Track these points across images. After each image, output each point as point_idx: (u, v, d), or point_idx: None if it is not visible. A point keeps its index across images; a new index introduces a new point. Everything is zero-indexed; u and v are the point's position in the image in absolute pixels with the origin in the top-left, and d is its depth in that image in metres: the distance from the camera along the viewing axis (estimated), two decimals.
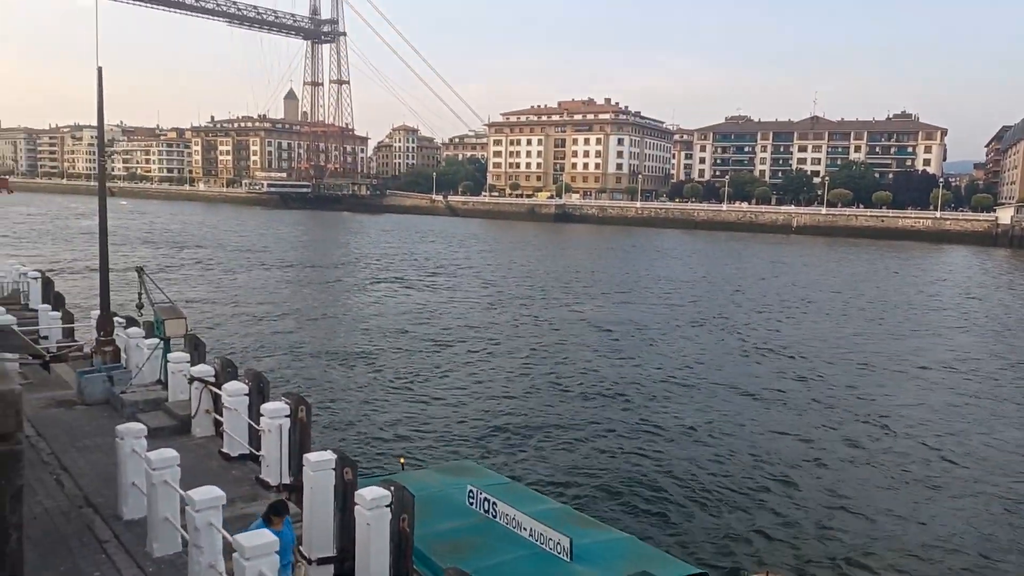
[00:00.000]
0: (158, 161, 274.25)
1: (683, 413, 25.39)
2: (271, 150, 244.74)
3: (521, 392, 27.59)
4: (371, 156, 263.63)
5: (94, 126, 18.46)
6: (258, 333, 36.45)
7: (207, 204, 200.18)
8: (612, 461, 20.63)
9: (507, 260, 78.15)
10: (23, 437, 2.35)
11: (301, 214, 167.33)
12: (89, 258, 59.27)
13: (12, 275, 28.26)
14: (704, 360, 33.84)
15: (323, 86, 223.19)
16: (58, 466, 12.77)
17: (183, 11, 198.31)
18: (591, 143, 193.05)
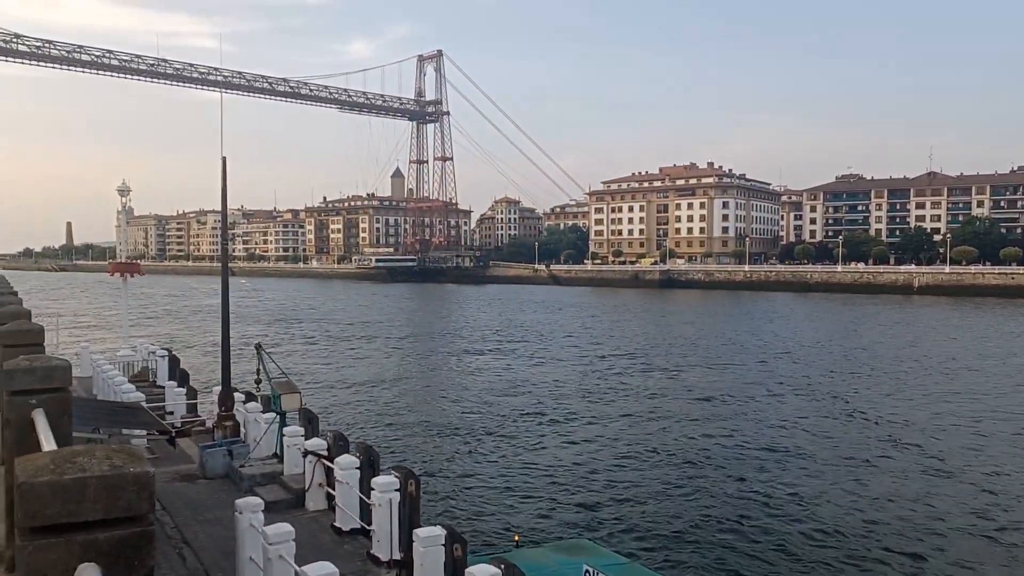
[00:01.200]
0: (275, 241, 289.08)
1: (802, 487, 24.07)
2: (379, 226, 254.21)
3: (634, 465, 26.85)
4: (474, 228, 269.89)
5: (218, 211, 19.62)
6: (367, 405, 37.14)
7: (319, 280, 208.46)
8: (734, 539, 19.61)
9: (610, 328, 77.49)
10: (155, 518, 2.37)
11: (407, 287, 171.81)
12: (211, 335, 62.32)
13: (142, 353, 29.91)
14: (822, 429, 32.21)
15: (427, 163, 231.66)
16: (181, 540, 13.14)
17: (300, 101, 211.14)
18: (695, 207, 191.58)
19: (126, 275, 30.08)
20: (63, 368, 5.06)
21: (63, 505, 2.31)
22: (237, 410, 19.47)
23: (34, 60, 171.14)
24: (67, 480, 2.32)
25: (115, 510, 2.36)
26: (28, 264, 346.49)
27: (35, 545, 2.30)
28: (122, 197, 28.55)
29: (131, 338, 32.43)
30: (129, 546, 2.38)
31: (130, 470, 2.40)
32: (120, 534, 2.37)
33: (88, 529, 2.34)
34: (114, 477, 2.36)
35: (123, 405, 16.30)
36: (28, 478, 2.31)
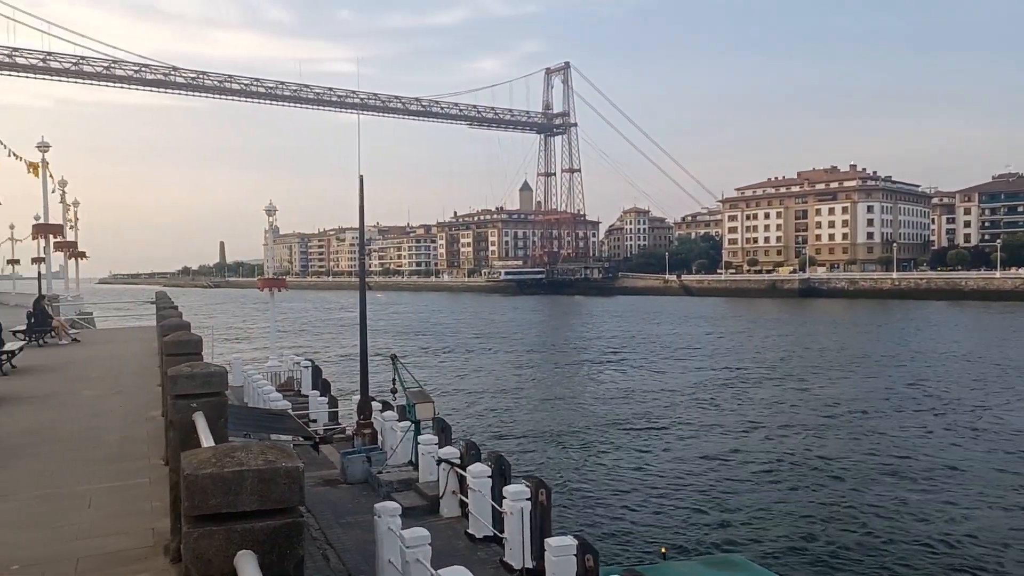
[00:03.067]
0: (408, 256, 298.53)
1: (968, 509, 22.47)
2: (507, 240, 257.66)
3: (780, 480, 25.85)
4: (603, 240, 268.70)
5: (355, 228, 20.55)
6: (497, 415, 37.61)
7: (450, 293, 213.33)
8: (893, 562, 18.45)
9: (745, 339, 75.14)
10: (304, 511, 2.56)
11: (535, 299, 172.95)
12: (348, 346, 64.95)
13: (288, 364, 31.59)
14: (988, 447, 29.98)
15: (555, 175, 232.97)
16: (324, 541, 13.76)
17: (432, 119, 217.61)
18: (836, 212, 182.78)
19: (273, 290, 31.86)
20: (220, 374, 5.47)
21: (223, 496, 2.52)
22: (375, 418, 20.24)
23: (189, 91, 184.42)
24: (227, 473, 2.53)
25: (269, 502, 2.55)
26: (186, 281, 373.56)
27: (199, 532, 2.52)
28: (269, 216, 30.33)
29: (278, 349, 34.29)
30: (281, 536, 2.56)
31: (282, 465, 2.59)
32: (273, 524, 2.56)
33: (245, 519, 2.54)
34: (268, 471, 2.56)
35: (271, 412, 17.28)
36: (193, 471, 2.53)
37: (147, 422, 11.85)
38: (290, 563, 2.56)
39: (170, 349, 7.67)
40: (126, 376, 18.16)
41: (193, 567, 2.54)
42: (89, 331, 34.75)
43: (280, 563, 2.56)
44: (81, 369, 19.90)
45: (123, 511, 7.20)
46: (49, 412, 13.44)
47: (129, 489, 8.01)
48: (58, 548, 6.22)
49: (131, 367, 19.95)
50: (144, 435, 10.94)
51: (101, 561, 5.81)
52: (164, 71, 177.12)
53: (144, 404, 13.48)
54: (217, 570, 2.52)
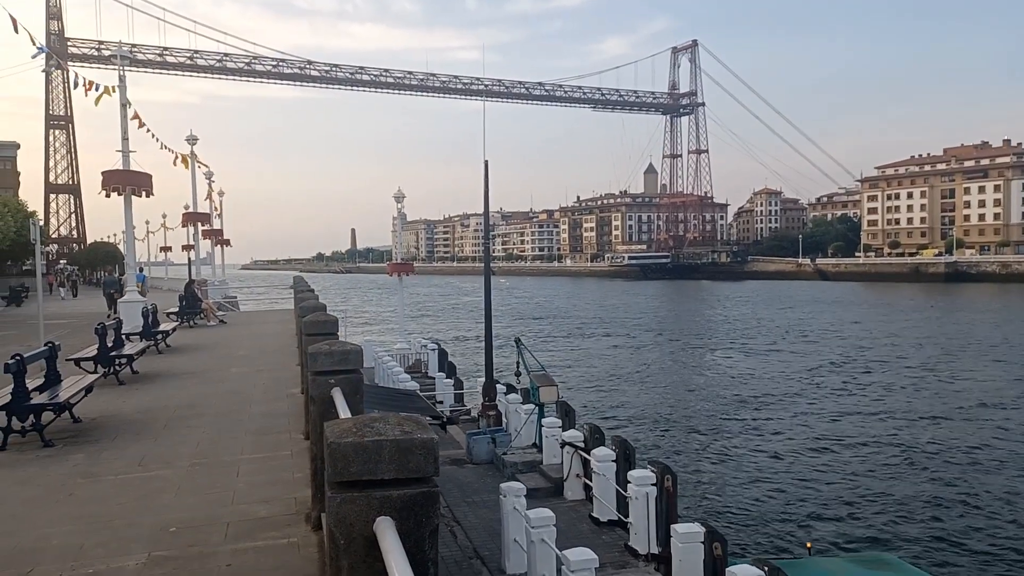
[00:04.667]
0: (531, 241, 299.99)
1: None
2: (631, 224, 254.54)
3: (928, 471, 24.56)
4: (731, 223, 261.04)
5: (479, 214, 20.86)
6: (620, 400, 37.39)
7: (573, 278, 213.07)
8: None
9: (886, 326, 71.33)
10: (439, 481, 2.66)
11: (660, 284, 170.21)
12: (473, 330, 66.14)
13: (416, 347, 32.52)
14: None
15: (681, 157, 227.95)
16: (452, 519, 14.14)
17: (555, 103, 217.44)
18: (987, 190, 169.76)
19: (401, 275, 32.84)
20: (356, 352, 5.72)
21: (364, 464, 2.65)
22: (499, 401, 20.57)
23: (323, 83, 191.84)
24: (367, 442, 2.65)
25: (406, 471, 2.66)
26: (320, 267, 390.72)
27: (342, 498, 2.65)
28: (397, 203, 31.24)
29: (406, 332, 35.33)
30: (417, 504, 2.66)
31: (418, 436, 2.69)
32: (410, 492, 2.66)
33: (384, 487, 2.66)
34: (405, 441, 2.66)
35: (401, 392, 17.85)
36: (336, 439, 2.67)
37: (288, 398, 12.53)
38: (426, 530, 2.66)
39: (308, 329, 8.07)
40: (268, 355, 19.23)
41: (336, 530, 2.67)
42: (234, 313, 36.99)
43: (417, 529, 2.66)
44: (228, 349, 21.22)
45: (268, 480, 7.67)
46: (201, 387, 14.42)
47: (273, 460, 8.52)
48: (210, 512, 6.70)
49: (272, 347, 21.11)
50: (285, 410, 11.57)
51: (248, 526, 6.22)
52: (300, 64, 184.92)
53: (285, 381, 14.25)
54: (358, 533, 2.65)
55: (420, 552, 2.64)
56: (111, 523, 6.53)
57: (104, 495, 7.45)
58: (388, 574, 2.37)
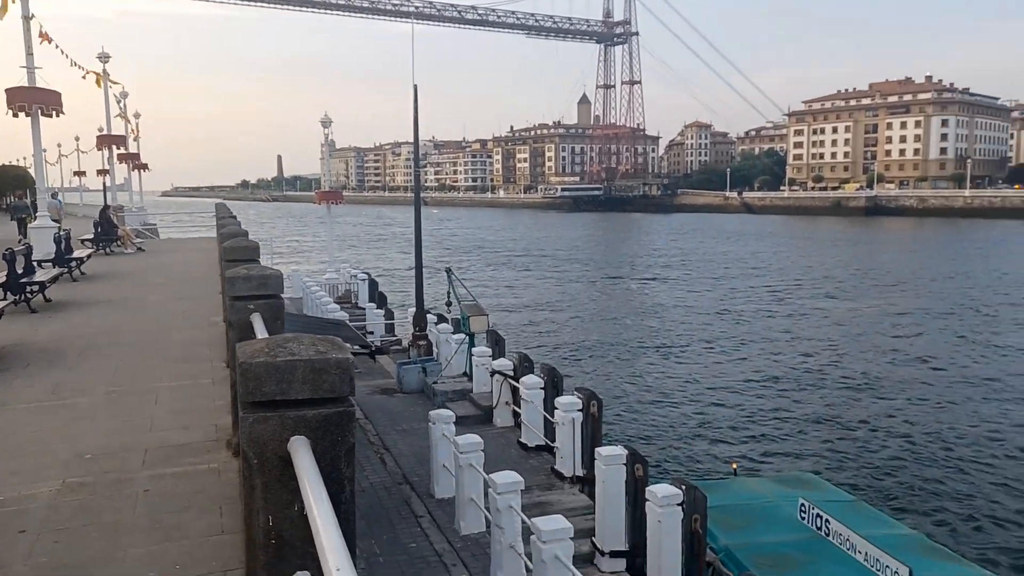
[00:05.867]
0: (464, 171, 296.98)
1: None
2: (565, 155, 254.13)
3: (844, 395, 25.78)
4: (662, 156, 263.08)
5: (411, 142, 20.44)
6: (551, 329, 37.92)
7: (506, 210, 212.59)
8: (984, 490, 18.16)
9: (806, 258, 73.66)
10: (355, 401, 2.62)
11: (592, 216, 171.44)
12: (404, 261, 65.71)
13: (345, 277, 32.11)
14: None
15: (615, 88, 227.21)
16: (381, 446, 14.23)
17: (488, 28, 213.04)
18: (908, 127, 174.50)
19: (330, 204, 32.17)
20: (276, 277, 5.57)
21: (276, 384, 2.58)
22: (430, 331, 20.57)
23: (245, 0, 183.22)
24: (279, 362, 2.59)
25: (320, 391, 2.61)
26: (245, 195, 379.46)
27: (254, 418, 2.59)
28: (324, 129, 30.38)
29: (335, 262, 34.85)
30: (333, 423, 2.62)
31: (333, 356, 2.64)
32: (325, 412, 2.62)
33: (298, 406, 2.61)
34: (319, 361, 2.60)
35: (329, 321, 17.68)
36: (247, 359, 2.59)
37: (209, 326, 12.26)
38: (341, 449, 2.63)
39: (228, 255, 7.83)
40: (189, 283, 18.73)
41: (249, 450, 2.62)
42: (153, 241, 35.80)
43: (332, 449, 2.63)
44: (146, 276, 20.57)
45: (188, 408, 7.53)
46: (118, 315, 13.99)
47: (193, 388, 8.36)
48: (128, 440, 6.56)
49: (194, 275, 20.55)
50: (207, 338, 11.33)
51: (168, 452, 6.12)
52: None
53: (206, 310, 13.92)
54: (272, 453, 2.60)
55: (336, 471, 2.61)
56: (23, 451, 6.34)
57: (16, 423, 7.21)
58: (302, 492, 2.34)
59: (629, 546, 10.16)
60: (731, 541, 10.13)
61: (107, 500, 5.17)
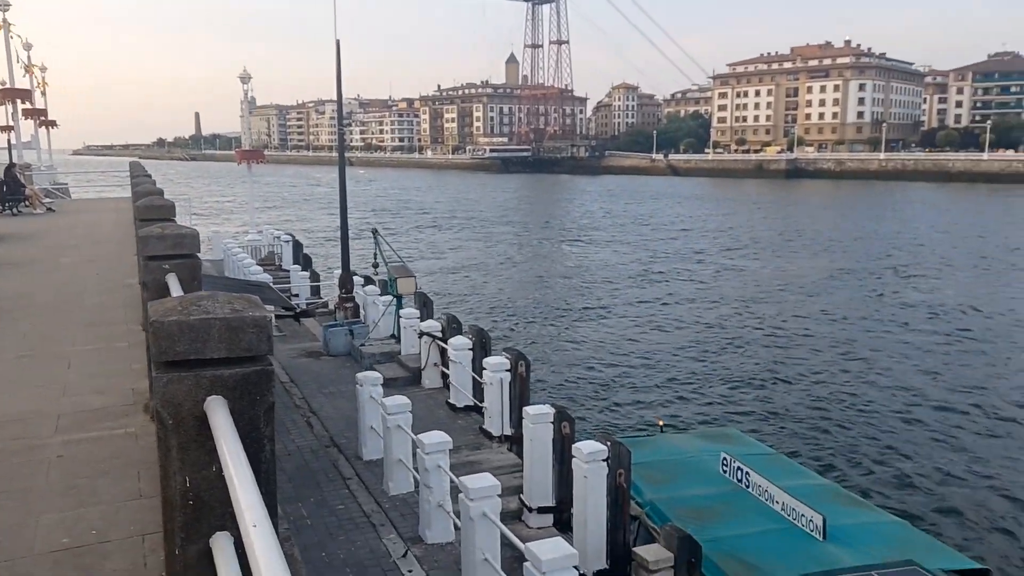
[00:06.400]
0: (390, 131, 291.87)
1: (953, 383, 23.29)
2: (493, 115, 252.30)
3: (764, 352, 26.63)
4: (590, 117, 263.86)
5: (335, 100, 19.95)
6: (479, 291, 38.00)
7: (434, 171, 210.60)
8: (896, 440, 19.12)
9: (729, 220, 75.40)
10: (273, 360, 2.56)
11: (521, 178, 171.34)
12: (329, 222, 64.61)
13: (268, 239, 31.38)
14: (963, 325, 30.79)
15: (543, 47, 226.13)
16: (308, 409, 14.10)
17: None
18: (828, 91, 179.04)
19: (251, 163, 31.26)
20: (192, 235, 5.39)
21: (191, 343, 2.51)
22: (356, 293, 20.33)
23: None
24: (193, 320, 2.51)
25: (237, 349, 2.54)
26: (161, 154, 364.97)
27: (168, 377, 2.52)
28: (243, 85, 29.37)
29: (257, 224, 34.01)
30: (250, 382, 2.57)
31: (249, 314, 2.57)
32: (242, 371, 2.56)
33: (214, 366, 2.54)
34: (235, 319, 2.54)
35: (251, 283, 17.29)
36: (160, 317, 2.51)
37: (124, 289, 11.83)
38: (260, 408, 2.58)
39: (142, 214, 7.54)
40: (102, 245, 18.02)
41: (164, 411, 2.55)
42: (64, 201, 34.22)
43: (251, 408, 2.57)
44: (57, 238, 19.69)
45: (103, 372, 7.28)
46: (27, 278, 13.37)
47: (108, 352, 8.08)
48: (40, 405, 6.31)
49: (107, 236, 19.77)
50: (122, 301, 10.94)
51: (82, 418, 5.91)
52: None
53: (121, 272, 13.42)
54: (188, 413, 2.54)
55: (255, 431, 2.56)
56: None
57: None
58: (219, 452, 2.30)
59: (556, 501, 10.36)
60: (656, 495, 10.43)
61: (18, 467, 4.98)
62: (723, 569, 8.63)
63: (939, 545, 9.87)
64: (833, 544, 9.09)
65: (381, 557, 8.72)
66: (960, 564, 9.07)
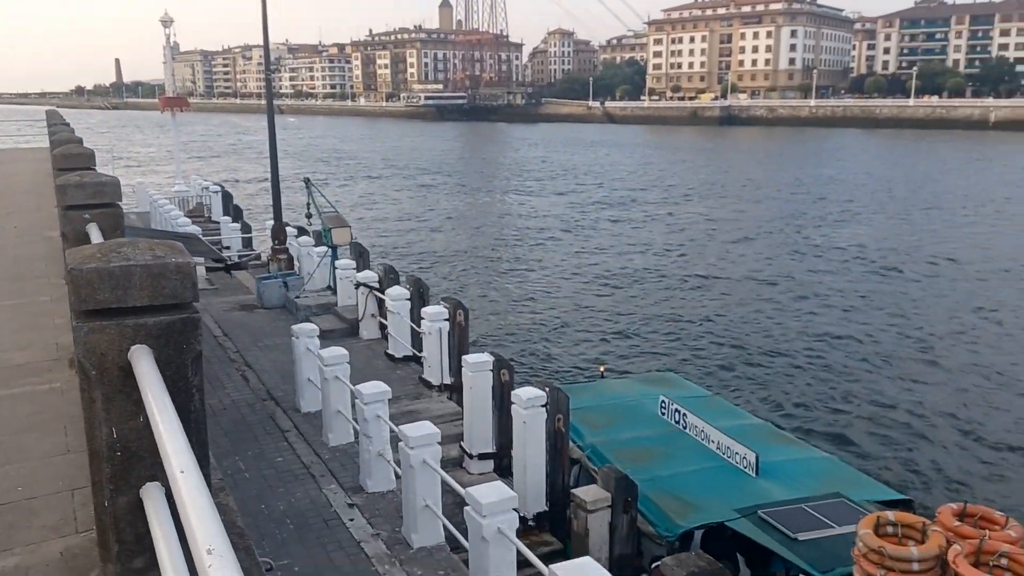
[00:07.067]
0: (321, 78, 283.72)
1: (884, 325, 24.20)
2: (427, 62, 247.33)
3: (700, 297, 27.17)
4: (526, 64, 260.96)
5: (262, 45, 19.25)
6: (416, 241, 37.75)
7: (368, 119, 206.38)
8: (826, 380, 19.84)
9: (667, 168, 76.11)
10: (198, 307, 2.49)
11: (456, 126, 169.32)
12: (260, 172, 63.00)
13: (196, 189, 30.48)
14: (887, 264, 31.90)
15: None
16: (243, 363, 13.89)
17: None
18: (761, 37, 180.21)
19: (175, 110, 30.14)
20: (112, 183, 5.18)
21: (112, 291, 2.42)
22: (290, 244, 19.97)
23: None
24: (113, 267, 2.42)
25: (160, 297, 2.47)
26: (80, 102, 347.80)
27: (89, 327, 2.43)
28: (165, 29, 28.11)
29: (184, 174, 32.93)
30: (176, 330, 2.50)
31: (172, 260, 2.49)
32: (167, 319, 2.49)
33: (137, 314, 2.46)
34: (157, 266, 2.45)
35: (178, 235, 16.82)
36: (78, 265, 2.41)
37: (44, 241, 11.35)
38: (187, 356, 2.52)
39: (61, 163, 7.23)
40: (18, 196, 17.21)
41: (86, 361, 2.47)
42: None
43: (177, 357, 2.51)
44: None
45: (24, 326, 7.01)
46: None
47: (30, 306, 7.78)
48: None
49: (26, 187, 18.88)
50: (43, 254, 10.50)
51: (5, 374, 5.70)
52: None
53: (40, 224, 12.86)
54: (112, 364, 2.46)
55: (182, 380, 2.50)
56: None
57: None
58: (144, 402, 2.24)
59: (496, 448, 10.52)
60: (596, 439, 10.67)
61: None
62: (660, 506, 8.92)
63: (864, 478, 10.38)
64: (765, 480, 9.47)
65: (322, 507, 8.74)
66: (883, 495, 9.55)
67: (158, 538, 2.09)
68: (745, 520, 8.57)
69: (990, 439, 16.40)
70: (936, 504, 8.58)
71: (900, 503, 9.18)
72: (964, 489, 14.08)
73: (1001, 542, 6.85)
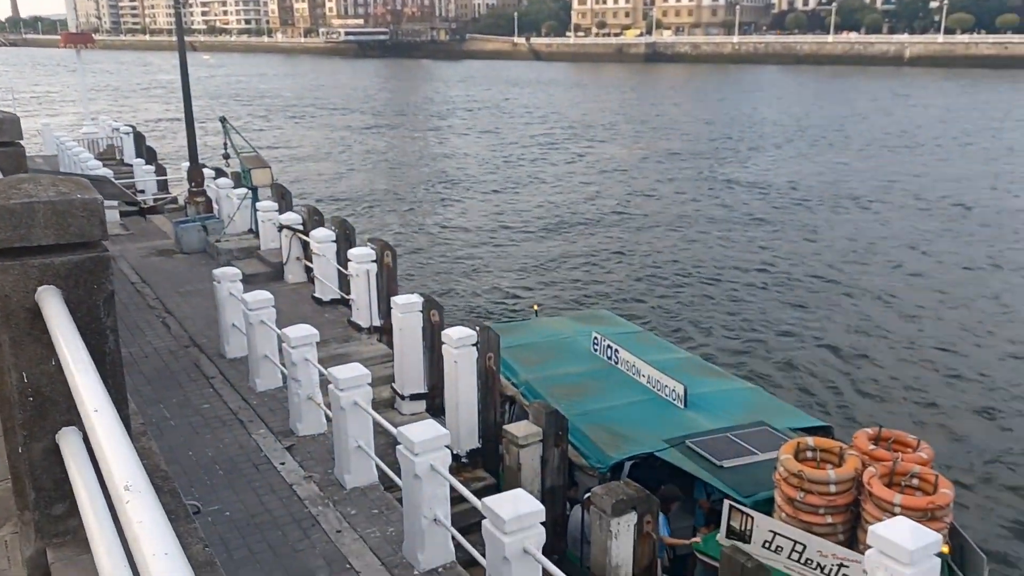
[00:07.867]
0: (235, 12, 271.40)
1: (811, 255, 24.94)
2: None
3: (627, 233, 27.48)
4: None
5: None
6: (339, 181, 37.04)
7: (286, 56, 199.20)
8: (750, 313, 20.35)
9: (589, 106, 76.03)
10: (108, 245, 2.38)
11: (379, 63, 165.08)
12: (174, 112, 60.42)
13: (106, 131, 29.08)
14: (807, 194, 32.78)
15: None
16: (163, 310, 13.50)
17: None
18: None
19: (79, 47, 28.48)
20: (12, 120, 4.88)
21: (14, 230, 2.30)
22: (208, 186, 19.31)
23: None
24: (14, 204, 2.29)
25: (67, 235, 2.35)
26: None
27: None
28: None
29: (93, 115, 31.33)
30: (85, 270, 2.39)
31: (78, 196, 2.36)
32: (75, 258, 2.38)
33: (43, 253, 2.34)
34: (62, 203, 2.33)
35: (89, 178, 16.05)
36: None
37: None
38: (99, 297, 2.41)
39: None
40: None
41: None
42: None
43: (89, 297, 2.40)
44: None
45: None
46: None
47: None
48: None
49: None
50: None
51: None
52: None
53: None
54: (18, 305, 2.34)
55: (95, 321, 2.40)
56: None
57: None
58: (55, 344, 2.14)
59: (428, 388, 10.56)
60: (530, 376, 10.80)
61: None
62: (592, 438, 9.13)
63: (787, 407, 10.83)
64: (693, 411, 9.78)
65: (252, 452, 8.65)
66: (805, 423, 9.97)
67: (77, 483, 2.02)
68: (674, 450, 8.85)
69: (906, 366, 17.30)
70: (854, 430, 9.01)
71: (820, 429, 9.59)
72: (880, 414, 14.84)
73: (913, 463, 7.29)
